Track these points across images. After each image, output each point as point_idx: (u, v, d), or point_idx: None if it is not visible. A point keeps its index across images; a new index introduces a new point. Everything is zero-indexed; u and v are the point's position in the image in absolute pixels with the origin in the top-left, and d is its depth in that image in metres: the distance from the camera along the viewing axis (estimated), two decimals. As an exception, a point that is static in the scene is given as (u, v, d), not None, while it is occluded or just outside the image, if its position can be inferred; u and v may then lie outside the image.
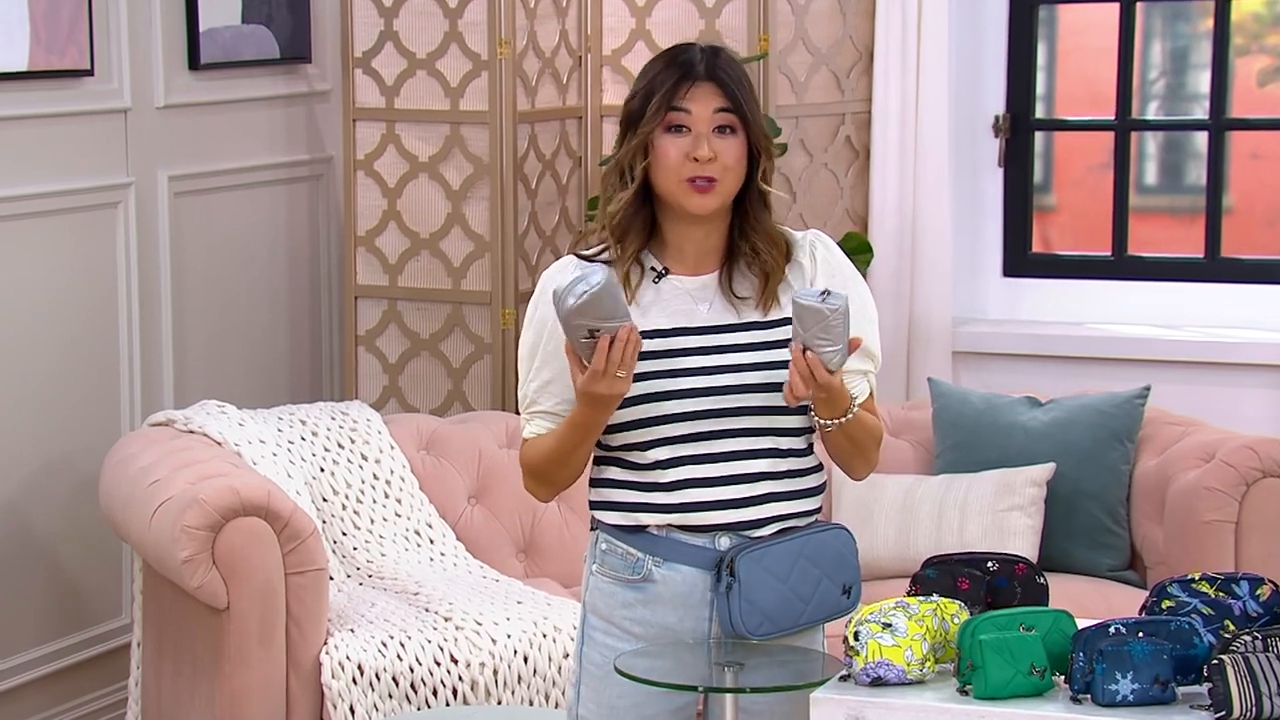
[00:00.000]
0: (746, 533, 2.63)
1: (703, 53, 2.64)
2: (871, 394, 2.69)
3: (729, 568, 2.61)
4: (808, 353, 2.52)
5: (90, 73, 4.20)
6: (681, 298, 2.64)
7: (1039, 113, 5.03)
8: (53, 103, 4.15)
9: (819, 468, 2.70)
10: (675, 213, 2.63)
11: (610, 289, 2.48)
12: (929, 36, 4.73)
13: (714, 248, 2.66)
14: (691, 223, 2.64)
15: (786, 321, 2.61)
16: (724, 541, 2.63)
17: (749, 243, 2.64)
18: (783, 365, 2.59)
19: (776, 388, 2.60)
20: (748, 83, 2.64)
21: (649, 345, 2.58)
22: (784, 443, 2.64)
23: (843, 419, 2.59)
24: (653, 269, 2.65)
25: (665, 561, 2.64)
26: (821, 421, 2.61)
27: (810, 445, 2.69)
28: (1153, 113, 5.04)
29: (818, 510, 2.70)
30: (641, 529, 2.65)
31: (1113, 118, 4.94)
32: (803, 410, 2.63)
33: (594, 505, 2.70)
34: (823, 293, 2.50)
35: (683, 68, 2.61)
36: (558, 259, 2.73)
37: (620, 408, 2.58)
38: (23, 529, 4.15)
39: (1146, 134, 5.03)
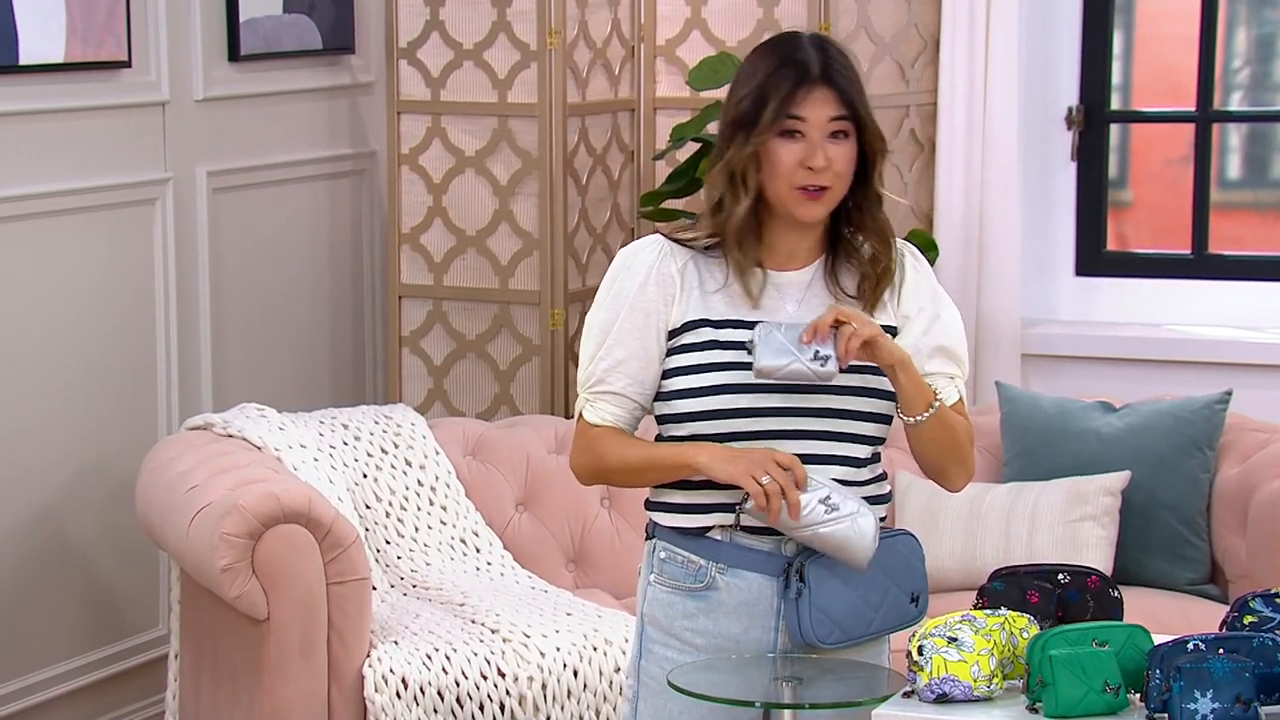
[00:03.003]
0: None
1: (814, 49, 2.59)
2: (961, 400, 2.67)
3: (798, 573, 2.57)
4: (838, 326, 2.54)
5: (128, 65, 4.20)
6: (768, 291, 2.62)
7: (1115, 104, 4.98)
8: (89, 95, 4.15)
9: (884, 477, 2.69)
10: (779, 215, 2.61)
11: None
12: (998, 24, 4.69)
13: (808, 245, 2.65)
14: (793, 225, 2.62)
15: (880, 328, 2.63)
16: (791, 546, 2.60)
17: (860, 239, 2.62)
18: (865, 370, 2.59)
19: (855, 392, 2.60)
20: (859, 81, 2.61)
21: (731, 336, 2.58)
22: (857, 450, 2.63)
23: (930, 411, 2.56)
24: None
25: (730, 568, 2.61)
26: (909, 419, 2.58)
27: (877, 455, 2.66)
28: (1236, 103, 4.99)
29: (883, 520, 2.67)
30: (704, 533, 2.61)
31: (1193, 109, 4.89)
32: (878, 419, 2.61)
33: (652, 506, 2.66)
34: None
35: (798, 70, 2.57)
36: (609, 258, 2.68)
37: (696, 396, 2.58)
38: (57, 536, 4.15)
39: (1229, 126, 4.98)
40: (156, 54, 4.26)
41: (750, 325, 2.59)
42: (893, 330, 2.64)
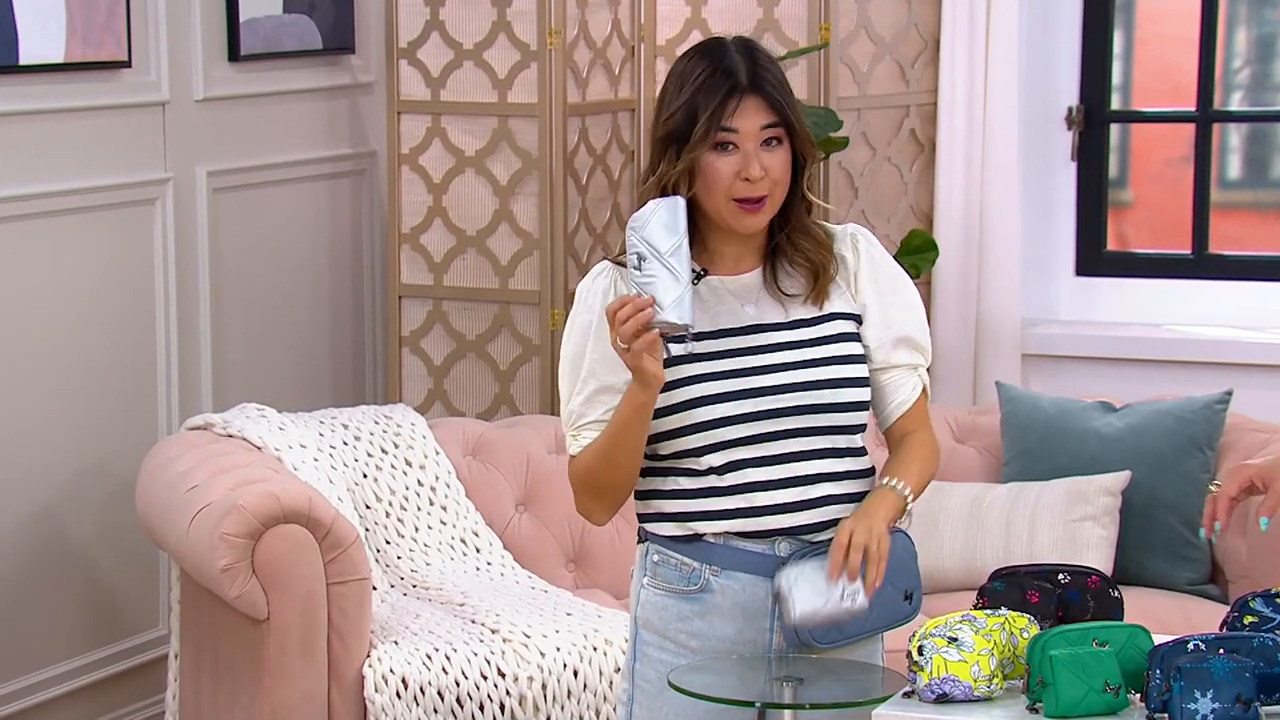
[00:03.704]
0: (805, 537, 2.61)
1: (740, 56, 2.58)
2: (924, 393, 2.66)
3: None
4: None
5: (128, 64, 4.19)
6: (724, 298, 2.62)
7: (1115, 104, 4.98)
8: (89, 96, 4.14)
9: (873, 470, 2.68)
10: (718, 226, 2.60)
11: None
12: (998, 24, 4.69)
13: (753, 248, 2.64)
14: (734, 233, 2.62)
15: (837, 317, 2.63)
16: (784, 547, 2.61)
17: (792, 242, 2.62)
18: (836, 361, 2.60)
19: (831, 384, 2.60)
20: (787, 85, 2.60)
21: (696, 347, 2.55)
22: (840, 441, 2.62)
23: (908, 511, 2.60)
24: (691, 270, 2.59)
25: (724, 570, 2.61)
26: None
27: (864, 446, 2.66)
28: (1236, 103, 4.99)
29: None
30: (697, 538, 2.61)
31: (1193, 109, 4.89)
32: (858, 407, 2.61)
33: (644, 518, 2.66)
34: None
35: (726, 79, 2.55)
36: (608, 258, 2.71)
37: (673, 413, 2.56)
38: (57, 536, 4.14)
39: (1229, 126, 4.97)
40: (156, 54, 4.25)
41: (713, 336, 2.58)
42: (855, 318, 2.63)
